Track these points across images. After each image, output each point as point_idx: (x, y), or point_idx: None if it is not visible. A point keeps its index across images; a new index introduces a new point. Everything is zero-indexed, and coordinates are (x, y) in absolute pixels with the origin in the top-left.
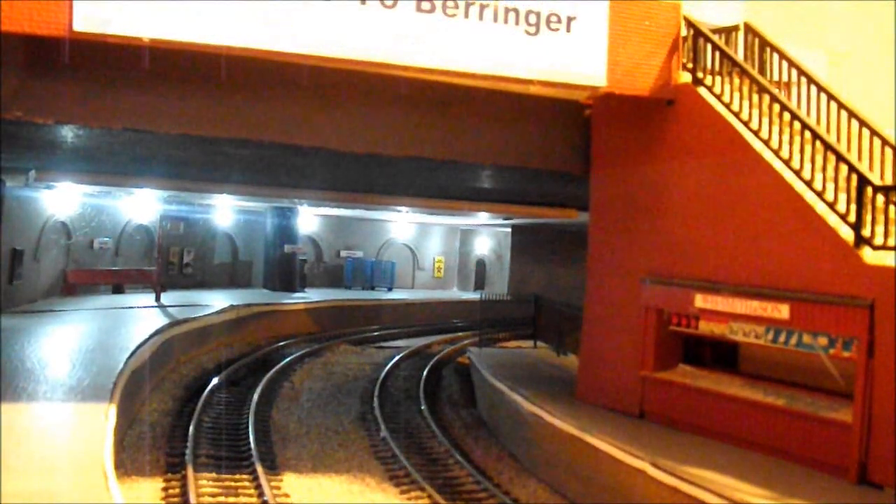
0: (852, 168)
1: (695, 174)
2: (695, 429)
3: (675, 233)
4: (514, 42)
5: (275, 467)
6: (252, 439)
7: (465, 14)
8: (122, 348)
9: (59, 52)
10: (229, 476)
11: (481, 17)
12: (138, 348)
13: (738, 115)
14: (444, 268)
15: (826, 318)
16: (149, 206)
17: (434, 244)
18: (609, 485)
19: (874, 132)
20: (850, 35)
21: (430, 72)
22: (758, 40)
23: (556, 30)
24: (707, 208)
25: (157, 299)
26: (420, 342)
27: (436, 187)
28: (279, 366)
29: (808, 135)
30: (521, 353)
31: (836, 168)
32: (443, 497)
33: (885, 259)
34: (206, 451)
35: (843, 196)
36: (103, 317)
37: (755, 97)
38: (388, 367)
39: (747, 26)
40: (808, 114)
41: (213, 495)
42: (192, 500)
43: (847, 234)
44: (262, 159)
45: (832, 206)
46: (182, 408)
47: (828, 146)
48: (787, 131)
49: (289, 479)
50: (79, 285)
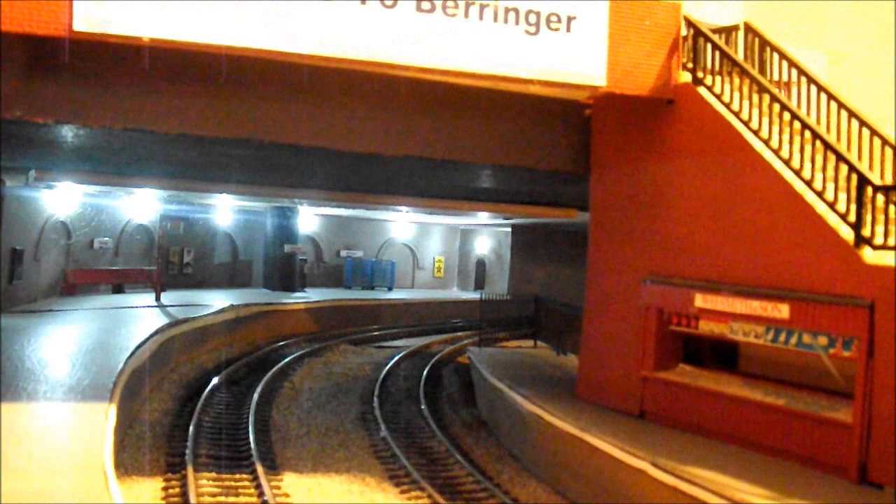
0: (852, 168)
1: (695, 174)
2: (695, 429)
3: (675, 233)
4: (514, 42)
5: (275, 467)
6: (252, 439)
7: (465, 14)
8: (122, 348)
9: (59, 52)
10: (229, 476)
11: (481, 17)
12: (138, 348)
13: (738, 114)
14: (444, 267)
15: (826, 318)
16: (149, 205)
17: (434, 244)
18: (609, 484)
19: (874, 132)
20: (850, 35)
21: (430, 72)
22: (758, 40)
23: (556, 30)
24: (707, 208)
25: (157, 299)
26: (420, 342)
27: (436, 187)
28: (279, 365)
29: (808, 134)
30: (521, 352)
31: (836, 168)
32: (443, 497)
33: (885, 259)
34: (206, 451)
35: (843, 196)
36: (103, 316)
37: (755, 97)
38: (388, 366)
39: (747, 26)
40: (808, 113)
41: (213, 495)
42: (192, 499)
43: (847, 233)
44: (262, 159)
45: (832, 205)
46: (182, 408)
47: (828, 146)
48: (787, 131)
49: (289, 478)
50: (79, 285)
